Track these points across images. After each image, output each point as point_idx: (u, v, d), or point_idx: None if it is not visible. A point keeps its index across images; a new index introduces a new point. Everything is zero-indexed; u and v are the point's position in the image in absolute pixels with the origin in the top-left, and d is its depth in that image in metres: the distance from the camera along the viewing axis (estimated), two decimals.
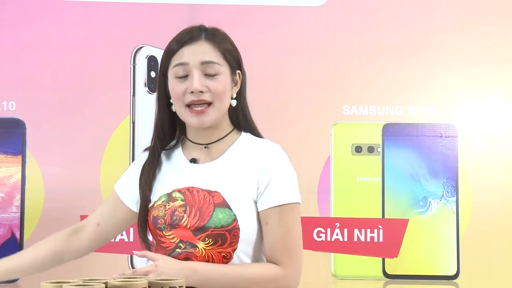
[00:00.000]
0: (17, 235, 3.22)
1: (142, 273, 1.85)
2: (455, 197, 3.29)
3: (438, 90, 3.33)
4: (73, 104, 3.28)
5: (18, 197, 3.24)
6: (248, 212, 1.96)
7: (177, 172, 2.04)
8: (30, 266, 2.15)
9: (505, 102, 3.33)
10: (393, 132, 3.31)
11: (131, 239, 3.21)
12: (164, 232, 1.99)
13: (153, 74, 3.28)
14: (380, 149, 3.31)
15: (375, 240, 3.26)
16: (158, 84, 2.07)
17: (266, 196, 1.96)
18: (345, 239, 3.26)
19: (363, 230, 3.26)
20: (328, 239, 3.26)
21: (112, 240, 3.19)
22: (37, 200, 3.23)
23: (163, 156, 2.09)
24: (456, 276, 3.27)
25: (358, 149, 3.31)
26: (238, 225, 1.93)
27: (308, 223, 3.27)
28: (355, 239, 3.26)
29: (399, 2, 3.37)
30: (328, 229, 3.26)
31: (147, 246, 2.05)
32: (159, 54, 3.29)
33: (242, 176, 1.97)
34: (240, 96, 2.08)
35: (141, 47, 3.30)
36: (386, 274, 3.28)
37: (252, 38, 3.34)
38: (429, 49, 3.34)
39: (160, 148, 2.08)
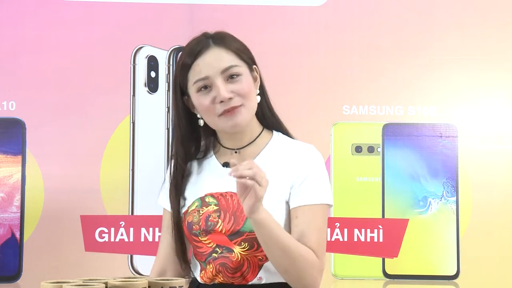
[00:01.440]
0: (17, 235, 3.22)
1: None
2: (455, 197, 3.29)
3: (438, 90, 3.33)
4: (73, 104, 3.28)
5: (18, 197, 3.24)
6: (282, 214, 1.95)
7: (209, 177, 2.02)
8: None
9: (505, 102, 3.33)
10: (393, 132, 3.31)
11: (131, 239, 3.21)
12: (199, 237, 1.98)
13: (153, 74, 3.28)
14: (380, 149, 3.31)
15: (375, 240, 3.26)
16: (174, 99, 2.04)
17: (300, 193, 1.95)
18: (345, 239, 3.26)
19: (363, 230, 3.26)
20: (328, 239, 3.26)
21: (112, 240, 3.21)
22: (37, 200, 3.23)
23: (195, 164, 2.07)
24: (456, 276, 3.27)
25: (358, 149, 3.31)
26: None
27: None
28: (355, 239, 3.26)
29: (399, 2, 3.37)
30: (328, 229, 3.26)
31: (185, 254, 2.03)
32: (159, 54, 3.30)
33: (276, 179, 1.95)
34: (262, 90, 2.07)
35: (141, 47, 3.30)
36: (386, 274, 3.28)
37: (252, 38, 3.33)
38: (429, 49, 3.34)
39: (183, 161, 2.04)
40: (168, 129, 3.25)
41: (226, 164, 2.02)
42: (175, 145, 2.06)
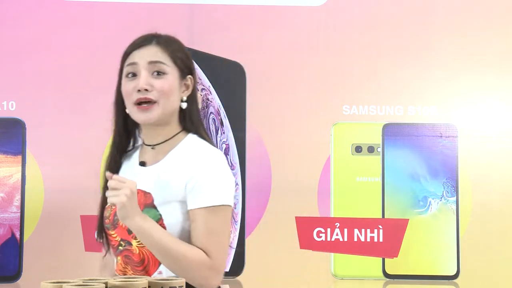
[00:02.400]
0: (17, 235, 3.22)
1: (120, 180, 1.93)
2: (455, 197, 3.29)
3: (438, 90, 3.33)
4: (73, 104, 3.28)
5: (18, 197, 3.24)
6: (175, 212, 2.00)
7: (128, 174, 2.10)
8: None
9: (505, 102, 3.33)
10: (393, 132, 3.31)
11: None
12: (110, 231, 2.07)
13: None
14: (380, 149, 3.31)
15: (375, 240, 3.26)
16: (116, 89, 2.15)
17: (193, 197, 2.00)
18: (345, 239, 3.26)
19: (363, 230, 3.27)
20: (328, 239, 3.26)
21: None
22: (37, 200, 3.23)
23: (123, 159, 2.17)
24: (456, 276, 3.27)
25: (358, 149, 3.32)
26: (164, 224, 1.98)
27: (308, 223, 3.27)
28: (355, 239, 3.26)
29: (399, 3, 3.37)
30: (328, 229, 3.26)
31: (105, 244, 2.11)
32: None
33: (173, 177, 2.02)
34: (192, 100, 2.13)
35: None
36: (386, 274, 3.28)
37: (252, 38, 3.34)
38: (429, 50, 3.34)
39: (117, 152, 2.15)
40: None
41: (142, 163, 2.10)
42: (113, 136, 2.18)
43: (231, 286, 3.28)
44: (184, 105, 2.10)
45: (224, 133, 3.33)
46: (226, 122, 3.34)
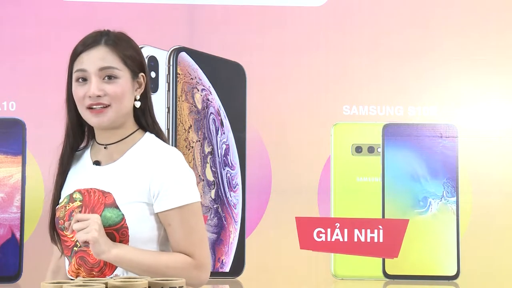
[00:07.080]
0: (17, 235, 3.22)
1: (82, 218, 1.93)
2: (455, 197, 3.29)
3: (438, 90, 3.34)
4: None
5: (18, 197, 3.24)
6: (139, 212, 1.99)
7: (80, 174, 2.10)
8: None
9: (505, 102, 3.33)
10: (393, 132, 3.31)
11: None
12: (64, 232, 2.04)
13: (153, 74, 3.28)
14: (380, 149, 3.31)
15: (375, 240, 3.26)
16: (67, 86, 2.17)
17: (162, 199, 2.00)
18: (345, 239, 3.26)
19: (363, 230, 3.27)
20: (328, 239, 3.26)
21: None
22: (37, 200, 3.23)
23: (75, 157, 2.16)
24: (456, 276, 3.27)
25: (358, 149, 3.32)
26: (126, 224, 1.97)
27: (308, 223, 3.27)
28: (355, 239, 3.26)
29: (399, 3, 3.37)
30: (328, 229, 3.26)
31: (59, 245, 2.10)
32: (159, 54, 3.30)
33: (134, 178, 2.01)
34: (146, 98, 2.12)
35: (141, 47, 3.29)
36: (386, 274, 3.28)
37: (252, 38, 3.34)
38: (429, 49, 3.34)
39: (70, 150, 2.15)
40: (168, 129, 3.25)
41: (96, 162, 2.09)
42: (66, 133, 2.19)
43: (231, 286, 3.29)
44: (138, 104, 2.09)
45: (224, 133, 3.33)
46: (226, 122, 3.34)
